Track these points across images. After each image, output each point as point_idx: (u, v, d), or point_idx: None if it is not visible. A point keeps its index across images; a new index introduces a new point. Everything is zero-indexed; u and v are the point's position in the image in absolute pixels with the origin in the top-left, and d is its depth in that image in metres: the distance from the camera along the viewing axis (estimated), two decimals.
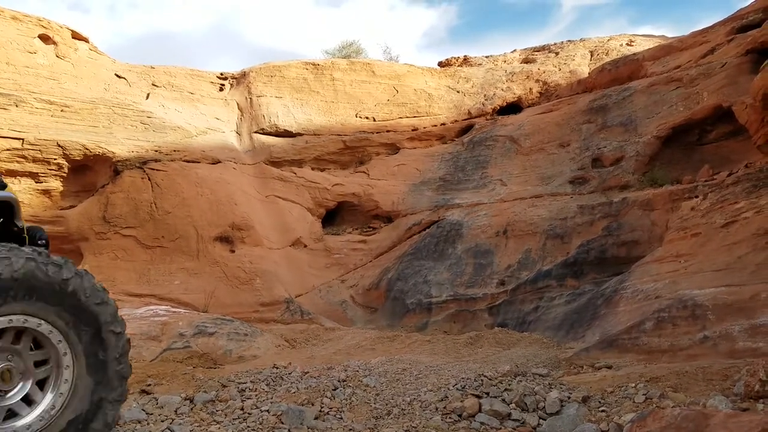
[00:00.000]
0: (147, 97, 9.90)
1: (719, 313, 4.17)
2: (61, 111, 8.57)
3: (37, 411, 2.50)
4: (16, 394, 2.52)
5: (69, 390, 2.61)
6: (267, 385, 3.94)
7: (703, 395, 3.13)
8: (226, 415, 3.29)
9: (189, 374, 4.47)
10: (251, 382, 4.01)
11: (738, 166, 6.82)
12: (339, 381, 3.79)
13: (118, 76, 9.66)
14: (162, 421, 3.25)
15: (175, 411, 3.40)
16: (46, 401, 2.54)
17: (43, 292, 2.48)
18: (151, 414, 3.35)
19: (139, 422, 3.23)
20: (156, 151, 9.20)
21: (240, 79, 11.29)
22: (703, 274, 4.80)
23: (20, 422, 2.37)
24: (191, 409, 3.46)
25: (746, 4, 9.80)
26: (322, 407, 3.39)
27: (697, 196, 6.55)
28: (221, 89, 11.20)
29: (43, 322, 2.53)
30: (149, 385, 4.05)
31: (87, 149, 8.57)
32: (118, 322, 2.77)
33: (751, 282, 4.28)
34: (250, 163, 10.42)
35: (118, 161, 8.80)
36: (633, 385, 3.48)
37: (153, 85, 10.11)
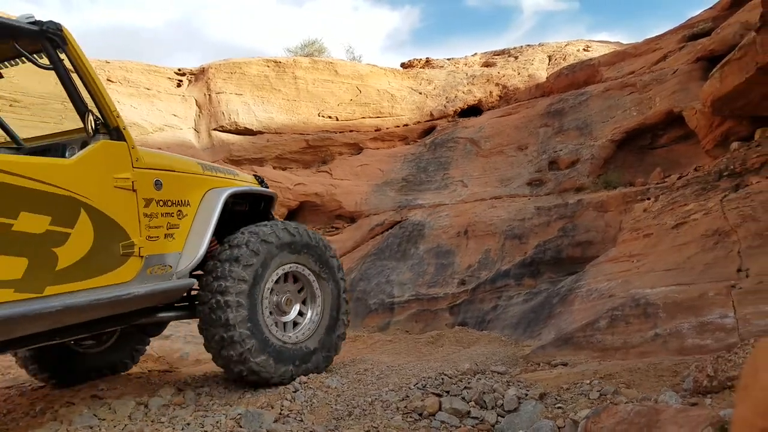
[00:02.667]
0: None
1: (670, 311, 4.29)
2: (10, 106, 8.24)
3: (301, 326, 4.02)
4: (291, 314, 3.98)
5: (319, 317, 4.07)
6: (225, 388, 3.87)
7: (654, 391, 3.22)
8: (182, 419, 3.22)
9: (144, 378, 4.37)
10: (208, 385, 3.93)
11: (687, 170, 7.05)
12: (300, 383, 3.76)
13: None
14: (114, 427, 3.16)
15: (129, 416, 3.31)
16: (305, 322, 4.04)
17: (303, 250, 3.97)
18: (104, 420, 3.25)
19: (91, 428, 3.13)
20: None
21: (199, 75, 11.10)
22: (654, 273, 4.92)
23: (295, 332, 3.95)
24: (146, 414, 3.37)
25: (696, 14, 10.18)
26: (281, 410, 3.35)
27: (648, 198, 6.74)
28: (179, 85, 10.99)
29: (305, 268, 4.00)
30: (101, 389, 3.93)
31: None
32: (342, 271, 4.36)
33: (700, 281, 4.41)
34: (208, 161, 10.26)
35: None
36: (588, 381, 3.54)
37: (108, 80, 9.84)
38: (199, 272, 3.65)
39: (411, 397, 3.49)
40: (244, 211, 4.13)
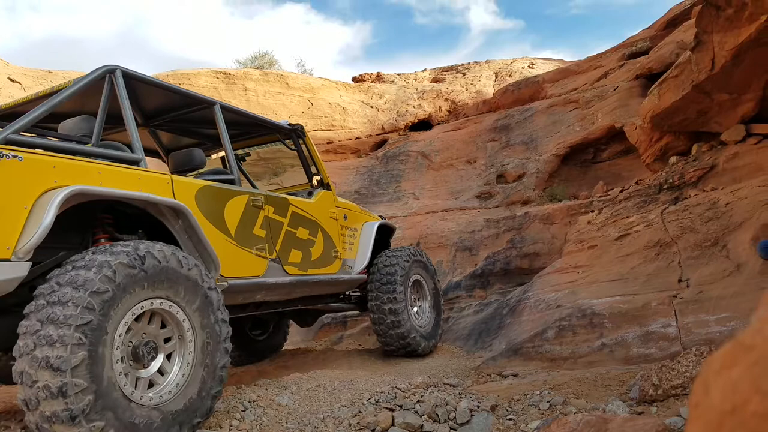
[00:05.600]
0: None
1: (615, 321, 4.40)
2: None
3: (421, 318, 5.78)
4: (415, 308, 5.73)
5: (429, 313, 5.93)
6: None
7: (602, 401, 3.29)
8: None
9: None
10: None
11: (629, 183, 7.30)
12: (249, 401, 3.66)
13: (11, 80, 8.98)
14: None
15: None
16: (424, 314, 5.87)
17: (420, 265, 5.81)
18: None
19: None
20: None
21: None
22: (599, 284, 5.05)
23: (420, 320, 5.76)
24: None
25: (635, 33, 10.63)
26: (230, 430, 3.26)
27: (592, 211, 6.93)
28: None
29: (420, 276, 5.79)
30: None
31: None
32: (439, 282, 6.37)
33: (643, 291, 4.55)
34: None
35: None
36: (538, 392, 3.59)
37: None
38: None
39: (364, 412, 3.45)
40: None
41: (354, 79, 13.70)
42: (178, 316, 2.91)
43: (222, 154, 5.25)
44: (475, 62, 13.90)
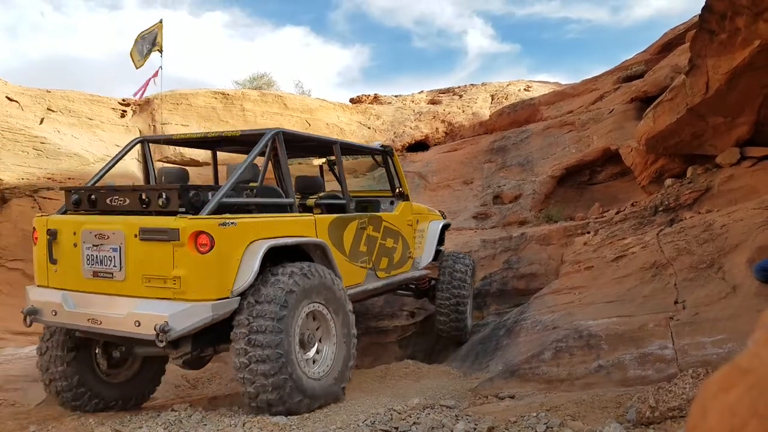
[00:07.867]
0: (41, 122, 9.28)
1: (612, 342, 4.38)
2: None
3: (467, 313, 6.54)
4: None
5: (470, 307, 6.64)
6: (165, 429, 3.70)
7: (599, 423, 3.27)
8: None
9: (77, 419, 4.13)
10: (147, 426, 3.75)
11: (625, 205, 7.35)
12: (244, 423, 3.63)
13: (9, 98, 9.00)
14: None
15: None
16: (468, 310, 6.52)
17: (474, 270, 6.80)
18: None
19: None
20: (49, 178, 8.60)
21: (144, 105, 10.88)
22: (596, 305, 5.04)
23: (468, 321, 6.63)
24: None
25: (630, 57, 10.77)
26: None
27: (588, 232, 6.95)
28: (123, 116, 10.72)
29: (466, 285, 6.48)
30: (32, 431, 3.70)
31: None
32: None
33: (639, 313, 4.55)
34: None
35: (6, 189, 8.14)
36: (534, 414, 3.56)
37: (48, 109, 9.51)
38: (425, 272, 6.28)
39: None
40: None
41: (352, 101, 13.81)
42: (324, 312, 4.06)
43: (321, 161, 6.69)
44: (472, 85, 14.05)
